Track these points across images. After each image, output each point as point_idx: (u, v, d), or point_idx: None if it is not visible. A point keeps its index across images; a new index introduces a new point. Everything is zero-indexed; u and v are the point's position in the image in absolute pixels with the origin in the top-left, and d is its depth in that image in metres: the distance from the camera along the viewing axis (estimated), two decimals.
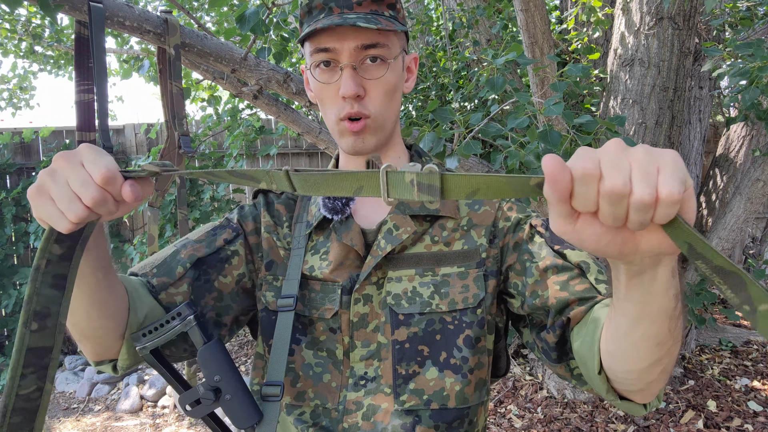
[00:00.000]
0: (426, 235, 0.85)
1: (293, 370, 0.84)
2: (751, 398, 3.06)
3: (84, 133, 1.71)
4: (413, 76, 0.90)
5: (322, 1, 0.79)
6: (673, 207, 0.41)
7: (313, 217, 0.89)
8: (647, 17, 2.74)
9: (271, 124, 5.22)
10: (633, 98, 2.84)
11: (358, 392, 0.82)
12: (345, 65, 0.78)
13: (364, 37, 0.77)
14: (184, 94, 1.78)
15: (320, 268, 0.86)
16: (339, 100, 0.80)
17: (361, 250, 0.84)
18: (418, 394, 0.80)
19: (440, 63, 3.56)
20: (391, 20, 0.80)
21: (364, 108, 0.80)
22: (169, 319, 0.75)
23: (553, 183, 0.42)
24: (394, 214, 0.85)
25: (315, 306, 0.85)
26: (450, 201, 0.87)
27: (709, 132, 4.68)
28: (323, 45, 0.78)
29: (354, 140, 0.82)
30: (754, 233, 5.29)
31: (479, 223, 0.87)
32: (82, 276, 0.65)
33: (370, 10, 0.79)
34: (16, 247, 4.84)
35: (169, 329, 0.75)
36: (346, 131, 0.82)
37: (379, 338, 0.83)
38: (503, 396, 3.28)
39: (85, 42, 1.64)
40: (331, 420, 0.82)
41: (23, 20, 4.17)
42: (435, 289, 0.82)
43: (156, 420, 3.64)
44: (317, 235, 0.89)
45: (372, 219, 0.88)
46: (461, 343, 0.81)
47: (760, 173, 2.60)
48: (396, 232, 0.84)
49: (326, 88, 0.81)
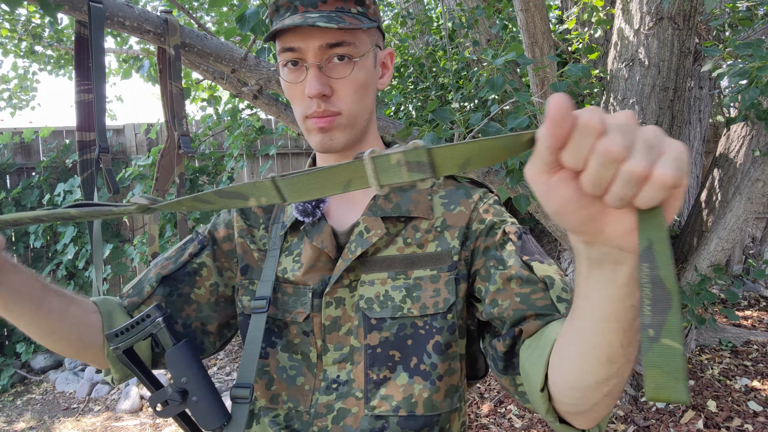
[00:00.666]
0: (399, 237, 0.84)
1: (268, 373, 0.84)
2: (751, 398, 3.06)
3: (84, 133, 1.71)
4: (389, 71, 0.88)
5: (288, 0, 0.78)
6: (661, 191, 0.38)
7: (288, 218, 0.88)
8: (647, 17, 2.74)
9: (271, 124, 5.22)
10: (633, 98, 2.84)
11: (329, 395, 0.81)
12: (310, 65, 0.77)
13: (329, 36, 0.76)
14: (184, 94, 1.78)
15: (292, 270, 0.85)
16: (306, 99, 0.79)
17: (332, 252, 0.83)
18: (388, 400, 0.79)
19: (440, 63, 3.56)
20: (359, 17, 0.78)
21: (332, 106, 0.79)
22: (139, 320, 0.78)
23: (554, 124, 0.38)
24: (367, 216, 0.84)
25: (288, 309, 0.84)
26: (423, 201, 0.85)
27: (709, 132, 4.68)
28: (288, 44, 0.78)
29: (322, 137, 0.81)
30: (754, 233, 5.29)
31: (453, 224, 0.84)
32: (6, 312, 0.71)
33: (335, 8, 0.78)
34: (16, 247, 4.84)
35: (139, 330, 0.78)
36: (313, 128, 0.81)
37: (352, 341, 0.82)
38: (503, 396, 3.28)
39: (85, 42, 1.64)
40: (302, 423, 0.81)
41: (23, 20, 4.17)
42: (407, 293, 0.81)
43: (156, 420, 3.64)
44: (292, 236, 0.88)
45: (344, 221, 0.86)
46: (431, 348, 0.80)
47: (760, 173, 2.60)
48: (367, 234, 0.82)
49: (294, 88, 0.80)
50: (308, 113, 0.79)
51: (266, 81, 2.13)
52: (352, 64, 0.79)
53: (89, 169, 1.73)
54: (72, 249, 4.61)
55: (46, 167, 4.89)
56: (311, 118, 0.80)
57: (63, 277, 4.78)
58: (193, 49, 1.85)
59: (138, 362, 0.80)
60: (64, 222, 2.11)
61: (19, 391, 4.37)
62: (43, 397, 4.19)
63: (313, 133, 0.81)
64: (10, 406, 4.09)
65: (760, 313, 4.53)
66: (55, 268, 4.81)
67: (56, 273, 4.80)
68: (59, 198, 4.67)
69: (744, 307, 4.73)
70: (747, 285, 5.07)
